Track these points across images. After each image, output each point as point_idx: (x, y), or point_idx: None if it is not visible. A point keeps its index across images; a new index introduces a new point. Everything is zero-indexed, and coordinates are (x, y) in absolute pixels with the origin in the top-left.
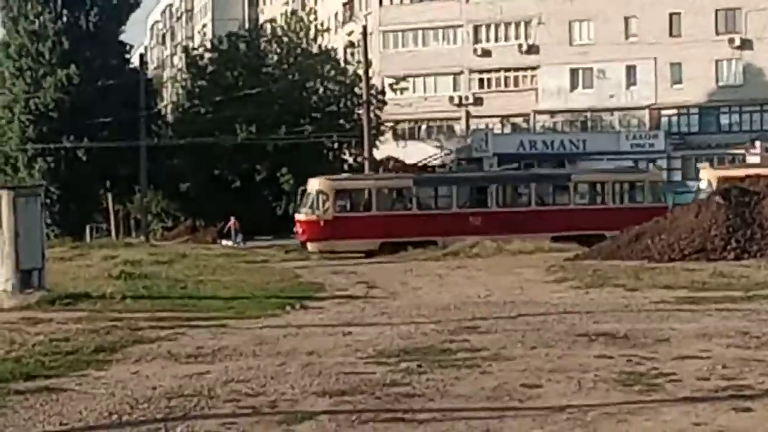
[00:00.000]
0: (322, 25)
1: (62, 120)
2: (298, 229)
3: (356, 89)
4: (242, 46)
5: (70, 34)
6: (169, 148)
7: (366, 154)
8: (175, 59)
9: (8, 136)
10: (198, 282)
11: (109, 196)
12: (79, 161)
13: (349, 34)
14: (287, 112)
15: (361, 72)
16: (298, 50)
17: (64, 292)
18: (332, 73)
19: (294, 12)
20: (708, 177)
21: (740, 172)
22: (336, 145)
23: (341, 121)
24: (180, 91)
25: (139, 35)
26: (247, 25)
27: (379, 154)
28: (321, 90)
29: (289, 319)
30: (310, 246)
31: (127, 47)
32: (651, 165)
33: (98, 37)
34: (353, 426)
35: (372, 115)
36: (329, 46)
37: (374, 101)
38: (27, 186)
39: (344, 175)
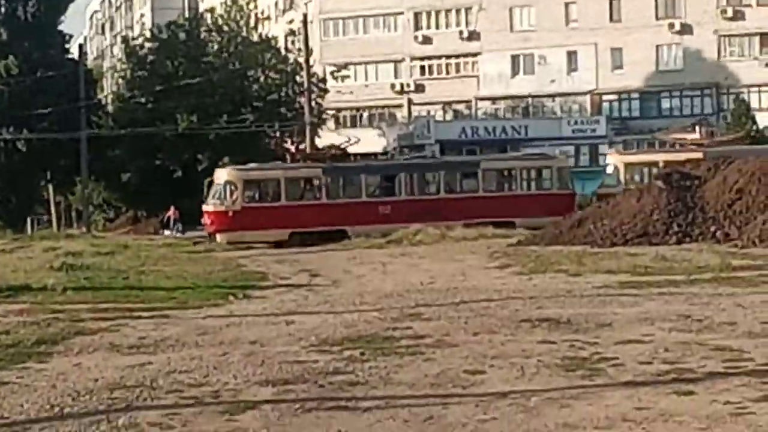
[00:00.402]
0: (262, 13)
1: (1, 111)
2: (206, 220)
3: (297, 77)
4: (182, 35)
5: (8, 24)
6: (110, 139)
7: (308, 143)
8: (115, 49)
9: None
10: (140, 273)
11: (50, 187)
12: (18, 153)
13: (290, 22)
14: (228, 101)
15: (301, 60)
16: (239, 39)
17: (5, 284)
18: (273, 61)
19: (234, 1)
20: (614, 162)
21: (646, 158)
22: (278, 134)
23: (283, 110)
24: (120, 81)
25: (78, 25)
26: (186, 14)
27: (321, 143)
28: (262, 78)
29: (231, 308)
30: (219, 237)
31: (66, 37)
32: (558, 151)
33: (37, 27)
34: (296, 415)
35: (313, 103)
36: (270, 35)
37: (315, 89)
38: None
39: (253, 165)
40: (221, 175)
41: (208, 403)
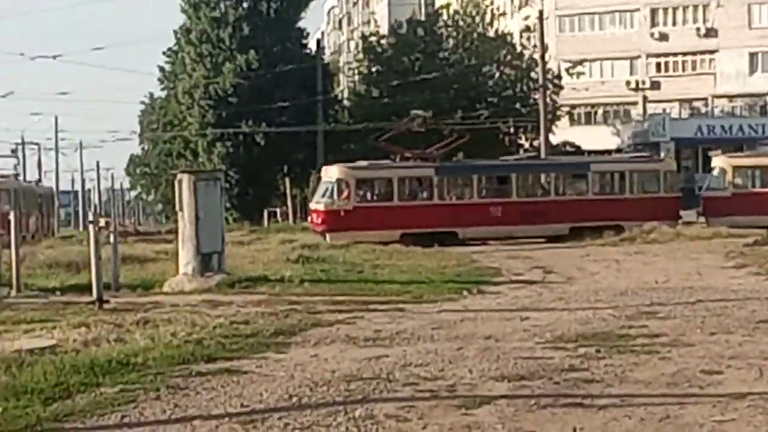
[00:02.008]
0: (498, 9)
1: (241, 105)
2: (315, 219)
3: (532, 74)
4: (419, 30)
5: (250, 20)
6: (346, 133)
7: (542, 139)
8: (351, 44)
9: (188, 121)
10: (375, 266)
11: (287, 180)
12: (257, 146)
13: (525, 18)
14: (463, 97)
15: (537, 56)
16: (474, 35)
17: (244, 275)
18: (508, 57)
19: None
20: (721, 165)
21: (756, 161)
22: (512, 130)
23: (517, 106)
24: (356, 76)
25: (316, 21)
26: (423, 10)
27: (555, 139)
28: (497, 75)
29: (466, 303)
30: (329, 237)
31: (305, 33)
32: (663, 154)
33: (277, 23)
34: (532, 411)
35: (548, 99)
36: (505, 31)
37: (550, 86)
38: (207, 170)
39: (363, 163)
40: (332, 172)
41: (443, 396)
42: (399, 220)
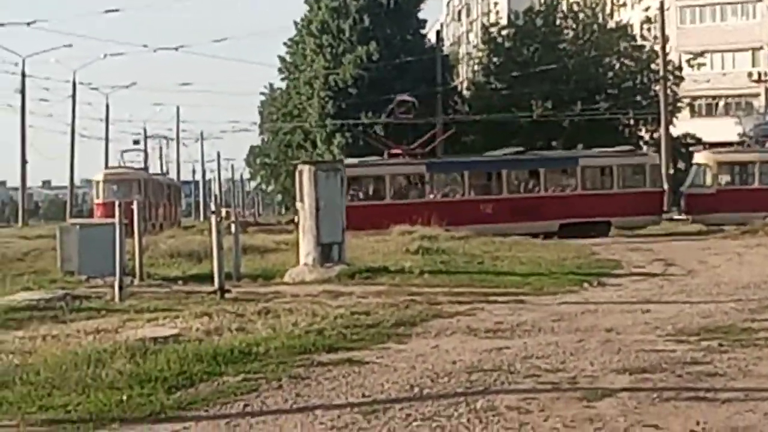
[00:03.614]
0: (618, 0)
1: (361, 96)
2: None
3: (652, 65)
4: (538, 21)
5: (370, 10)
6: (465, 124)
7: (662, 131)
8: (471, 35)
9: (308, 112)
10: (495, 258)
11: None
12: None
13: (646, 9)
14: (583, 88)
15: (657, 48)
16: (594, 26)
17: (364, 266)
18: (628, 49)
19: None
20: (705, 161)
21: (740, 157)
22: (632, 122)
23: (637, 98)
24: (476, 67)
25: (435, 12)
26: (542, 1)
27: (675, 131)
28: (617, 66)
29: (586, 295)
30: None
31: (424, 24)
32: (646, 148)
33: (397, 14)
34: (654, 404)
35: (668, 91)
36: (625, 22)
37: (671, 77)
38: (328, 161)
39: (354, 161)
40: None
41: (565, 389)
42: (389, 217)
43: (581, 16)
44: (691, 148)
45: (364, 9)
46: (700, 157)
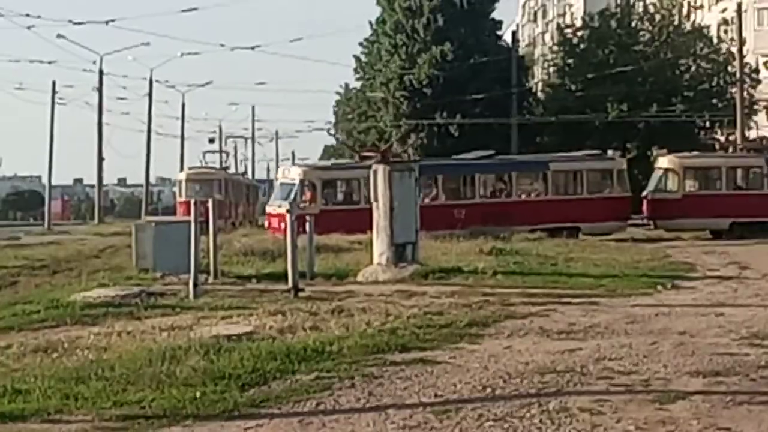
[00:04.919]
0: (695, 2)
1: (435, 96)
2: (274, 223)
3: (729, 67)
4: (613, 23)
5: (444, 11)
6: (539, 126)
7: (738, 134)
8: (546, 37)
9: (383, 112)
10: (568, 259)
11: None
12: (451, 137)
13: (723, 11)
14: (658, 90)
15: (734, 50)
16: (671, 28)
17: (437, 266)
18: (704, 51)
19: None
20: (670, 166)
21: (707, 162)
22: (707, 124)
23: (713, 100)
24: (551, 68)
25: (510, 13)
26: (618, 2)
27: (752, 134)
28: (693, 68)
29: (660, 298)
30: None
31: (499, 24)
32: (611, 152)
33: (471, 14)
34: (727, 407)
35: (745, 94)
36: (702, 24)
37: (747, 80)
38: (402, 161)
39: (327, 163)
40: (293, 173)
41: (638, 391)
42: (364, 222)
43: (657, 17)
44: (655, 152)
45: (437, 9)
46: (664, 161)
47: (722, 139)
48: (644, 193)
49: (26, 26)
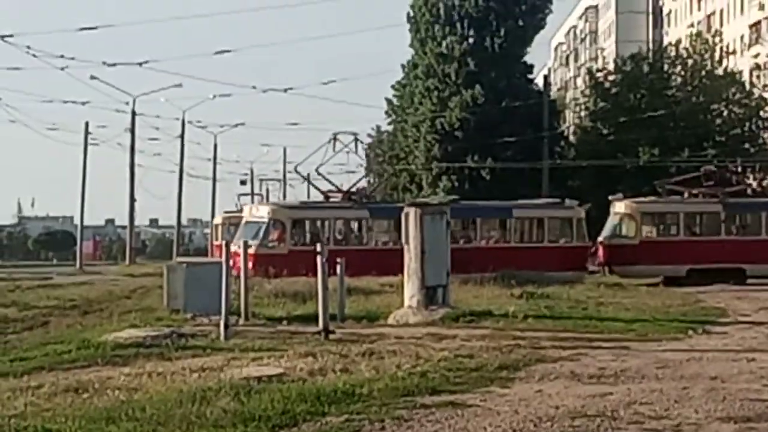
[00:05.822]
0: (727, 47)
1: (467, 139)
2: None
3: (761, 112)
4: (645, 67)
5: (475, 55)
6: (571, 169)
7: None
8: (578, 81)
9: (414, 154)
10: (599, 303)
11: None
12: (482, 180)
13: (756, 56)
14: (691, 135)
15: (766, 95)
16: (703, 72)
17: (468, 309)
18: (737, 96)
19: (699, 34)
20: (627, 211)
21: (665, 208)
22: (740, 169)
23: (745, 145)
24: (582, 112)
25: (542, 56)
26: (650, 47)
27: None
28: (725, 113)
29: (691, 343)
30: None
31: (531, 68)
32: (568, 201)
33: (503, 58)
34: None
35: None
36: (734, 69)
37: None
38: (434, 204)
39: (296, 202)
40: (261, 212)
41: None
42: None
43: (689, 62)
44: (610, 198)
45: (468, 53)
46: (620, 206)
47: (754, 184)
48: (600, 239)
49: (60, 67)
